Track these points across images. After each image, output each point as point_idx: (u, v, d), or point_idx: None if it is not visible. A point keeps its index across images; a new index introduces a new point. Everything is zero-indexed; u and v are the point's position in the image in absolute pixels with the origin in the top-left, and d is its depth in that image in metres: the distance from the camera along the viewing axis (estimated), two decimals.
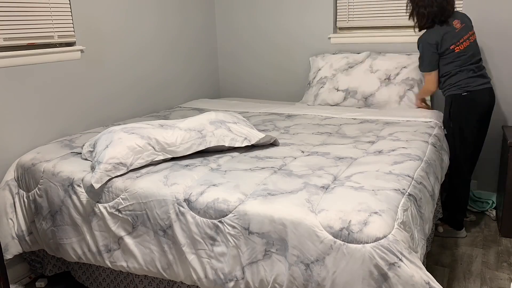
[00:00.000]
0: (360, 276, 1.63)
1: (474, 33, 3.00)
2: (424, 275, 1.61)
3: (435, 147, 2.63)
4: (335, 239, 1.68)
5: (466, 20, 3.00)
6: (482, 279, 2.65)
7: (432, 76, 3.07)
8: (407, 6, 3.10)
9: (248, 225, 1.83)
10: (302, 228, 1.73)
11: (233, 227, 1.86)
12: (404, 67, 3.50)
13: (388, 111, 3.36)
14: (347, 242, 1.65)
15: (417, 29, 3.10)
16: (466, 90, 2.94)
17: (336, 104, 3.67)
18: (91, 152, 2.40)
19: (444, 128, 3.09)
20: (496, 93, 3.50)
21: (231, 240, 1.87)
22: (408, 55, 3.57)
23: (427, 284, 1.60)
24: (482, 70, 3.00)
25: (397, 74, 3.50)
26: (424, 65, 3.09)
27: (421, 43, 3.04)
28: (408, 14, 3.10)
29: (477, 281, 2.63)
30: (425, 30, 3.04)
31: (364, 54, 3.70)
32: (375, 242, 1.62)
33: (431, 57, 3.01)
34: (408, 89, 3.45)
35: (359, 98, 3.58)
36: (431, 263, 2.81)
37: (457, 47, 2.94)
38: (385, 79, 3.52)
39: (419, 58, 3.11)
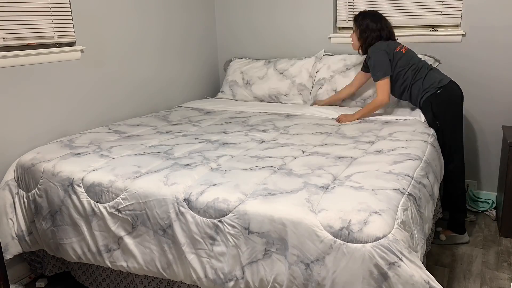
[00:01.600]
0: (360, 276, 1.63)
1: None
2: (424, 274, 1.61)
3: (434, 146, 2.64)
4: (335, 239, 1.68)
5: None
6: (482, 279, 2.65)
7: (386, 83, 3.05)
8: (353, 27, 3.23)
9: (248, 224, 1.83)
10: (302, 227, 1.73)
11: (233, 226, 1.86)
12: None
13: (387, 110, 3.36)
14: (347, 242, 1.65)
15: (361, 51, 3.24)
16: (437, 87, 2.97)
17: (335, 105, 3.67)
18: None
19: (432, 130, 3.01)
20: (496, 93, 3.50)
21: (231, 240, 1.87)
22: None
23: (427, 284, 1.60)
24: (434, 69, 3.11)
25: None
26: (379, 71, 3.06)
27: (372, 53, 3.09)
28: (356, 33, 3.21)
29: (477, 281, 2.63)
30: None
31: (361, 56, 3.70)
32: (375, 242, 1.62)
33: (384, 61, 3.04)
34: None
35: (358, 100, 3.58)
36: (431, 263, 2.81)
37: (402, 49, 3.09)
38: None
39: (372, 70, 3.10)
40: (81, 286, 2.69)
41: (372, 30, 3.11)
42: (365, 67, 3.31)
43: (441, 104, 2.97)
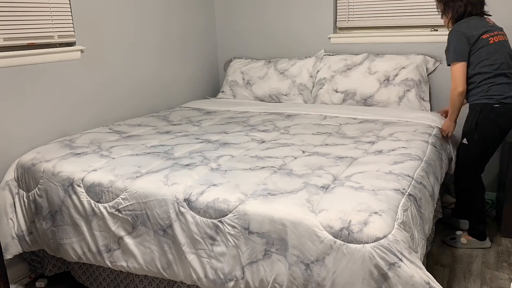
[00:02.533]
0: (360, 276, 1.63)
1: (505, 34, 2.80)
2: (424, 275, 1.61)
3: (435, 147, 2.63)
4: (335, 239, 1.68)
5: (496, 25, 2.81)
6: (482, 279, 2.65)
7: (459, 69, 2.70)
8: (437, 5, 2.92)
9: (248, 225, 1.83)
10: (302, 228, 1.73)
11: (233, 227, 1.86)
12: (403, 68, 3.50)
13: (388, 110, 3.36)
14: (347, 242, 1.66)
15: (450, 27, 2.87)
16: (499, 101, 2.68)
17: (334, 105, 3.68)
18: None
19: (464, 138, 2.85)
20: None
21: (231, 240, 1.87)
22: (406, 56, 3.58)
23: (427, 284, 1.60)
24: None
25: (396, 75, 3.50)
26: (450, 54, 2.75)
27: (451, 32, 2.77)
28: (440, 12, 2.90)
29: (477, 281, 2.62)
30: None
31: (362, 56, 3.71)
32: (375, 242, 1.62)
33: (459, 44, 2.70)
34: (407, 90, 3.45)
35: (358, 100, 3.58)
36: (431, 263, 2.81)
37: (491, 38, 2.70)
38: (384, 80, 3.52)
39: (446, 51, 2.81)
40: (81, 286, 2.69)
41: (454, 0, 2.78)
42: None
43: (488, 119, 2.73)
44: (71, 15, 2.99)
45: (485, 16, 2.81)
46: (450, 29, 2.84)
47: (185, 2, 4.04)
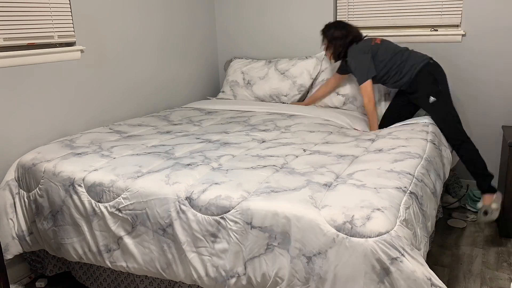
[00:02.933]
0: (362, 270, 1.64)
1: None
2: (426, 271, 1.62)
3: (434, 144, 2.64)
4: (338, 233, 1.68)
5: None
6: (482, 279, 2.65)
7: (368, 86, 3.18)
8: (323, 41, 3.36)
9: (250, 219, 1.83)
10: (305, 221, 1.73)
11: (235, 222, 1.86)
12: None
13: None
14: (350, 236, 1.66)
15: (333, 60, 3.39)
16: (429, 58, 3.13)
17: (336, 107, 3.68)
18: None
19: (430, 97, 3.07)
20: (496, 93, 3.50)
21: (233, 236, 1.87)
22: None
23: (429, 280, 1.60)
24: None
25: None
26: (361, 75, 3.19)
27: (352, 58, 3.22)
28: (324, 49, 3.39)
29: (477, 281, 2.62)
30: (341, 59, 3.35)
31: None
32: (378, 237, 1.62)
33: (365, 62, 3.17)
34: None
35: (359, 105, 3.59)
36: (431, 263, 2.81)
37: (376, 40, 3.24)
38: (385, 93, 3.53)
39: (354, 73, 3.24)
40: (81, 286, 2.68)
41: (337, 38, 3.27)
42: (341, 70, 3.50)
43: (439, 71, 3.11)
44: (71, 15, 2.99)
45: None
46: (332, 61, 3.44)
47: (185, 2, 4.05)
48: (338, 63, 3.56)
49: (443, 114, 3.03)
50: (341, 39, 3.25)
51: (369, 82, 3.16)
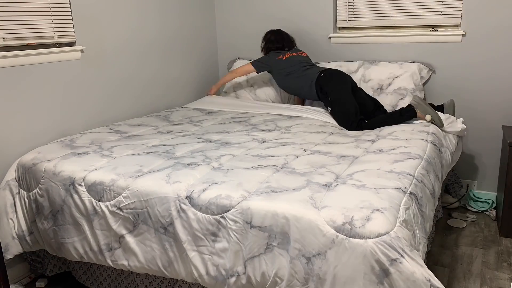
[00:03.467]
0: (362, 271, 1.64)
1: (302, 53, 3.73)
2: (425, 272, 1.62)
3: (434, 145, 2.64)
4: (338, 233, 1.68)
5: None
6: (482, 279, 2.65)
7: (247, 66, 3.76)
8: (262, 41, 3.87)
9: (250, 219, 1.84)
10: (305, 221, 1.74)
11: (235, 221, 1.86)
12: (396, 77, 3.54)
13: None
14: (349, 237, 1.66)
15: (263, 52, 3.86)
16: (319, 72, 3.43)
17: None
18: None
19: (327, 107, 3.37)
20: (496, 93, 3.50)
21: (233, 235, 1.87)
22: (401, 64, 3.61)
23: (428, 282, 1.60)
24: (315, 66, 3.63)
25: (389, 84, 3.54)
26: (255, 62, 3.76)
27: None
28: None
29: (477, 281, 2.63)
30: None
31: (357, 63, 3.75)
32: (377, 238, 1.63)
33: (262, 61, 3.73)
34: (400, 99, 3.48)
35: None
36: (431, 263, 2.81)
37: (284, 56, 3.66)
38: (377, 88, 3.56)
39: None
40: (81, 286, 2.68)
41: (268, 41, 3.83)
42: (256, 64, 3.77)
43: (326, 81, 3.35)
44: (71, 15, 2.99)
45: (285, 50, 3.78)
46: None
47: (185, 2, 4.04)
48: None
49: (341, 114, 3.20)
50: (268, 43, 3.84)
51: (249, 65, 3.74)
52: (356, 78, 3.67)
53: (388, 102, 3.50)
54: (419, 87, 3.52)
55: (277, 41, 3.78)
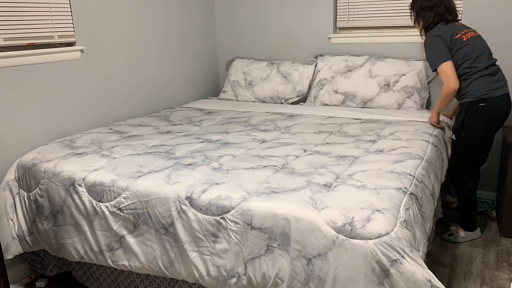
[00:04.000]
0: (362, 272, 1.64)
1: (475, 31, 2.92)
2: (426, 273, 1.62)
3: (435, 146, 2.64)
4: (338, 234, 1.68)
5: (465, 25, 2.96)
6: (482, 279, 2.65)
7: (448, 68, 2.77)
8: (411, 13, 3.08)
9: (250, 220, 1.84)
10: (305, 222, 1.74)
11: (236, 223, 1.86)
12: (403, 75, 3.52)
13: (390, 111, 3.36)
14: (350, 238, 1.66)
15: (423, 35, 3.02)
16: (483, 99, 2.77)
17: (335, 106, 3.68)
18: None
19: (453, 134, 2.97)
20: None
21: (233, 236, 1.87)
22: (407, 61, 3.59)
23: (429, 282, 1.60)
24: (499, 72, 2.87)
25: (396, 82, 3.51)
26: (434, 59, 2.84)
27: (427, 41, 2.91)
28: (413, 19, 3.07)
29: (477, 281, 2.63)
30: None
31: (363, 58, 3.71)
32: (378, 239, 1.63)
33: (440, 48, 2.81)
34: (407, 97, 3.46)
35: (358, 102, 3.59)
36: (431, 263, 2.81)
37: (463, 36, 2.82)
38: (384, 85, 3.53)
39: (428, 59, 2.90)
40: (81, 286, 2.68)
41: (425, 8, 2.94)
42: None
43: (476, 118, 2.84)
44: (71, 15, 2.99)
45: (454, 22, 2.94)
46: (423, 37, 3.01)
47: (185, 1, 4.04)
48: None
49: (454, 156, 2.97)
50: (431, 10, 2.92)
51: (448, 64, 2.78)
52: (362, 72, 3.63)
53: (395, 100, 3.47)
54: (425, 86, 3.52)
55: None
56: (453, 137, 2.96)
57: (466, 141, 2.89)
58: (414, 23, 3.08)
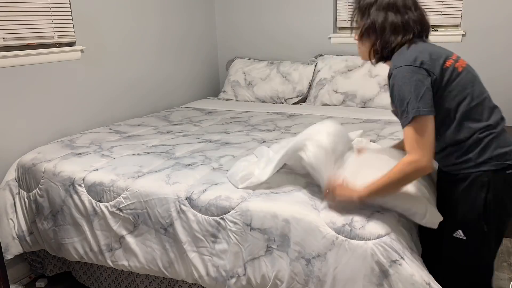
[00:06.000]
0: (362, 272, 1.64)
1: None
2: (425, 275, 1.61)
3: None
4: (337, 235, 1.68)
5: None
6: None
7: (423, 126, 1.59)
8: (352, 19, 1.86)
9: (250, 221, 1.84)
10: (305, 223, 1.74)
11: (235, 223, 1.86)
12: None
13: (390, 111, 3.35)
14: (349, 238, 1.66)
15: (374, 61, 1.82)
16: (509, 163, 1.65)
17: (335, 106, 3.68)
18: None
19: (459, 230, 1.72)
20: (496, 93, 3.48)
21: (233, 237, 1.87)
22: None
23: (428, 285, 1.59)
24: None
25: None
26: (408, 107, 1.59)
27: (395, 76, 1.64)
28: (356, 34, 1.86)
29: None
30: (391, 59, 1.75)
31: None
32: (377, 239, 1.63)
33: (420, 88, 1.59)
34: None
35: (358, 102, 3.59)
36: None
37: (456, 64, 1.67)
38: (384, 85, 3.53)
39: (397, 105, 1.65)
40: (81, 286, 2.68)
41: (390, 25, 1.77)
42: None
43: (506, 198, 1.68)
44: (71, 15, 2.99)
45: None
46: (373, 62, 1.82)
47: (185, 2, 4.04)
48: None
49: (460, 265, 1.80)
50: (400, 15, 1.80)
51: (425, 121, 1.59)
52: (362, 72, 3.63)
53: None
54: None
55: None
56: (460, 234, 1.73)
57: (488, 237, 1.72)
58: (360, 38, 1.85)
